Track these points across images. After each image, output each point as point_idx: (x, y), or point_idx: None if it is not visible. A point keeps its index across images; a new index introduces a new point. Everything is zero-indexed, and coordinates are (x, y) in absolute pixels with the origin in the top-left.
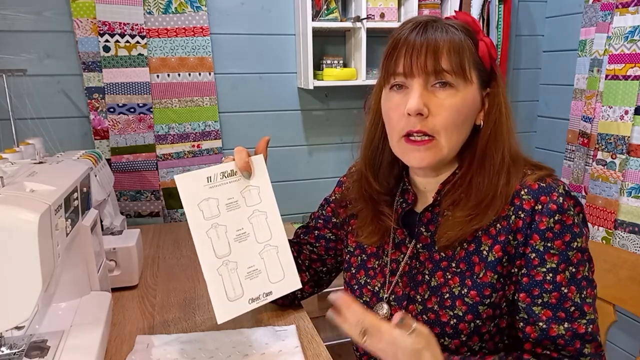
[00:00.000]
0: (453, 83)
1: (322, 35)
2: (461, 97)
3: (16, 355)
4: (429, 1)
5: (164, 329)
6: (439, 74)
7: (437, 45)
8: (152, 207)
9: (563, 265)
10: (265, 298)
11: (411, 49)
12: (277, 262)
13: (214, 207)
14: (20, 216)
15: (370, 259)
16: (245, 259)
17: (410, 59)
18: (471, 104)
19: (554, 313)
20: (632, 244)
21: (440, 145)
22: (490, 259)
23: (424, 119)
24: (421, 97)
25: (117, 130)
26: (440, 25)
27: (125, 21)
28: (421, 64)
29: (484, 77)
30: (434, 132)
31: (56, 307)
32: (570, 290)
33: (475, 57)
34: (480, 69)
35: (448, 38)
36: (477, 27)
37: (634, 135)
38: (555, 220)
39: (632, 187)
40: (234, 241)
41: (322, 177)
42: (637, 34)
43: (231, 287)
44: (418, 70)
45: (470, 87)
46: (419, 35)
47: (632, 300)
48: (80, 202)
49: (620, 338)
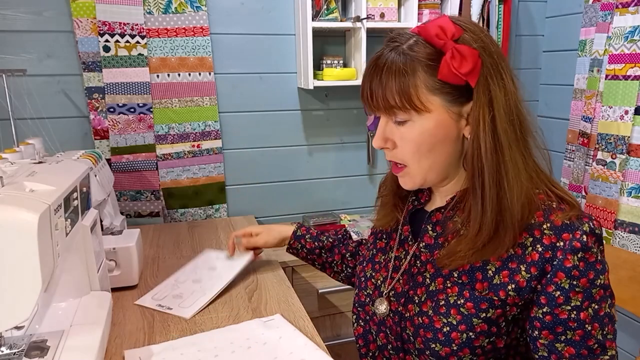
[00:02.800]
0: (406, 118)
1: (322, 35)
2: (418, 129)
3: (16, 355)
4: (429, 1)
5: (163, 328)
6: (389, 110)
7: (382, 81)
8: (152, 207)
9: (587, 302)
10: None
11: (369, 84)
12: None
13: None
14: (20, 216)
15: (378, 253)
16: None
17: (368, 95)
18: (436, 131)
19: (577, 351)
20: (632, 244)
21: (413, 173)
22: (495, 282)
23: (392, 150)
24: (383, 134)
25: (117, 130)
26: (396, 52)
27: (125, 21)
28: (374, 102)
29: (456, 95)
30: (403, 162)
31: (56, 307)
32: (594, 327)
33: (433, 82)
34: (446, 90)
35: (393, 71)
36: (440, 40)
37: (634, 135)
38: (579, 258)
39: (632, 187)
40: None
41: (322, 177)
42: (637, 34)
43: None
44: (374, 107)
45: (427, 114)
46: (375, 68)
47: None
48: (80, 202)
49: (620, 338)
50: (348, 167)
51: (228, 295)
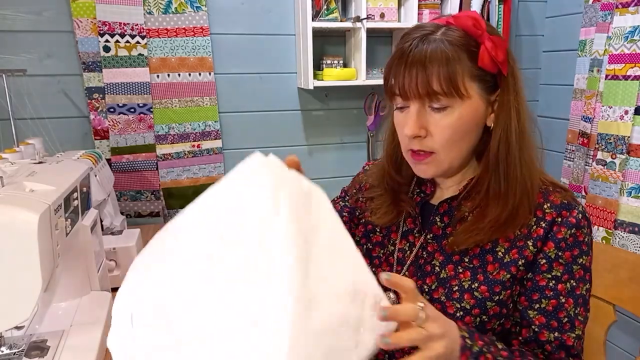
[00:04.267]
0: (447, 104)
1: (322, 35)
2: (457, 115)
3: (16, 355)
4: (429, 1)
5: None
6: (432, 96)
7: (426, 68)
8: (152, 207)
9: (566, 276)
10: None
11: (404, 73)
12: None
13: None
14: (20, 216)
15: (375, 247)
16: None
17: (404, 83)
18: (471, 117)
19: (547, 321)
20: (632, 244)
21: (440, 160)
22: (506, 260)
23: (423, 138)
24: (417, 121)
25: (117, 130)
26: (433, 40)
27: (125, 21)
28: (413, 89)
29: (490, 83)
30: (433, 149)
31: (56, 307)
32: (568, 302)
33: (472, 69)
34: (483, 78)
35: (438, 57)
36: (478, 30)
37: (634, 135)
38: (571, 234)
39: (632, 187)
40: None
41: (322, 177)
42: (637, 34)
43: None
44: (412, 95)
45: (468, 101)
46: (411, 56)
47: (632, 300)
48: (80, 202)
49: (620, 338)
50: (348, 167)
51: None
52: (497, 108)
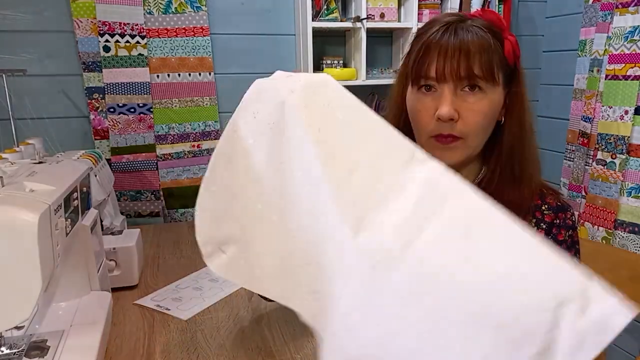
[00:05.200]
0: (483, 87)
1: (322, 35)
2: (489, 100)
3: (16, 355)
4: (429, 1)
5: (163, 328)
6: (471, 79)
7: (468, 50)
8: (152, 207)
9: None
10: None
11: (444, 53)
12: None
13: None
14: (20, 216)
15: None
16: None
17: (443, 64)
18: (497, 105)
19: None
20: (632, 244)
21: (468, 145)
22: None
23: (454, 122)
24: (452, 103)
25: (117, 130)
26: (468, 26)
27: (125, 21)
28: (454, 70)
29: (508, 76)
30: (462, 134)
31: (56, 307)
32: None
33: (501, 58)
34: (505, 69)
35: (478, 41)
36: (501, 25)
37: (634, 135)
38: (569, 235)
39: (632, 187)
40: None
41: None
42: (637, 34)
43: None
44: (451, 76)
45: (496, 88)
46: (450, 39)
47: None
48: (80, 202)
49: (620, 338)
50: None
51: (228, 296)
52: (511, 101)
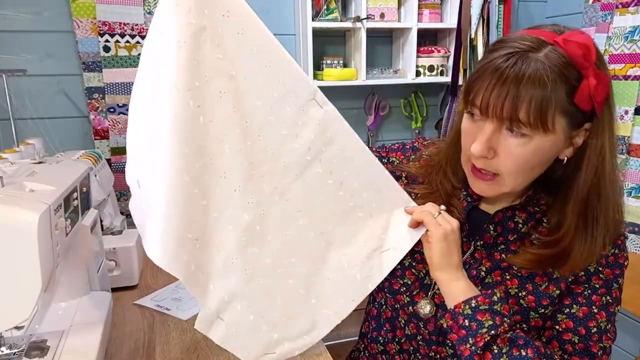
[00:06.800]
0: (527, 134)
1: (322, 36)
2: (534, 147)
3: (16, 355)
4: (429, 1)
5: (163, 328)
6: (514, 122)
7: (519, 90)
8: None
9: (604, 290)
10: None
11: (492, 86)
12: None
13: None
14: (20, 216)
15: (418, 242)
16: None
17: (489, 99)
18: (548, 151)
19: (575, 326)
20: (632, 244)
21: (503, 183)
22: (555, 276)
23: (489, 159)
24: (488, 141)
25: (117, 130)
26: (534, 61)
27: (125, 21)
28: (497, 109)
29: (578, 120)
30: (497, 171)
31: (56, 307)
32: (600, 314)
33: (566, 104)
34: (573, 114)
35: (535, 83)
36: (586, 62)
37: (634, 135)
38: (613, 253)
39: (632, 187)
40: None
41: None
42: (637, 34)
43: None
44: (493, 113)
45: (549, 136)
46: (506, 71)
47: (632, 300)
48: (80, 202)
49: (620, 338)
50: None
51: None
52: (586, 149)
